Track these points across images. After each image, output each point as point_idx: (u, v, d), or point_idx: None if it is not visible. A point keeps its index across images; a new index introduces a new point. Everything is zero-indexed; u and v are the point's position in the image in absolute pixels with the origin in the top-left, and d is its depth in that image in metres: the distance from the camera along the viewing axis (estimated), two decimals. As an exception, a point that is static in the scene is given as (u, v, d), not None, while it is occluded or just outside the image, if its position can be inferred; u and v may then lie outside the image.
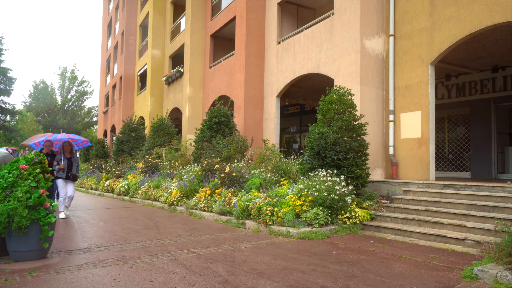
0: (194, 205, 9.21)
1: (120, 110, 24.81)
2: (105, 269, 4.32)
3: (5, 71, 37.03)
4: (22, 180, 4.75)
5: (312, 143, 8.00)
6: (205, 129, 12.06)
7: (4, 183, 4.68)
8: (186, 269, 4.36)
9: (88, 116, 51.84)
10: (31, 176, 4.83)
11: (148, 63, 20.64)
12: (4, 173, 4.79)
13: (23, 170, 4.82)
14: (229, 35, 16.22)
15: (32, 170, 4.87)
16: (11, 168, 4.86)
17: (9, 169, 4.86)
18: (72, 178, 8.55)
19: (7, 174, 4.78)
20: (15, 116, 43.84)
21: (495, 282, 3.86)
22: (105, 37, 33.88)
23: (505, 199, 6.42)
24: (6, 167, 4.92)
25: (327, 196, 6.82)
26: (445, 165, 12.68)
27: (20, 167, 4.84)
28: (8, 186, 4.69)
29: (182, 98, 17.12)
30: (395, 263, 4.73)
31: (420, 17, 9.17)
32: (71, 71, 51.05)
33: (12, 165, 4.89)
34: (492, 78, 11.49)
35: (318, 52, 10.97)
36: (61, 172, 8.36)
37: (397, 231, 6.63)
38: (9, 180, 4.69)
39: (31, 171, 4.86)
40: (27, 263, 4.56)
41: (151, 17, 20.64)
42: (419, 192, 7.79)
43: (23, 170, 4.82)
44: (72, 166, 8.53)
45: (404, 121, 9.42)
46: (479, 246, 5.31)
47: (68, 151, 8.59)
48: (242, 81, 13.36)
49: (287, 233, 6.40)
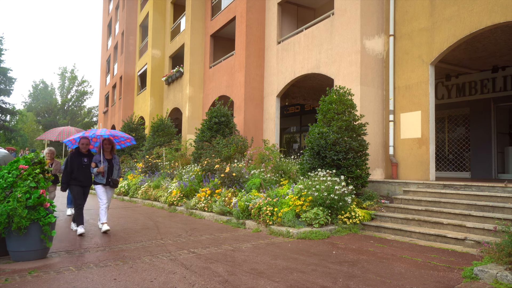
0: (194, 205, 9.21)
1: (120, 110, 24.81)
2: (105, 269, 4.32)
3: (5, 71, 37.04)
4: (21, 180, 4.75)
5: (312, 143, 8.00)
6: (205, 129, 12.06)
7: (3, 183, 4.68)
8: (186, 269, 4.36)
9: (88, 116, 51.85)
10: (30, 176, 4.82)
11: (148, 63, 20.64)
12: (4, 173, 4.79)
13: (23, 170, 4.82)
14: (229, 35, 16.22)
15: (31, 171, 4.87)
16: (10, 168, 4.86)
17: (9, 169, 4.86)
18: (113, 184, 6.90)
19: (7, 174, 4.78)
20: (15, 116, 43.85)
21: (495, 282, 3.86)
22: (105, 37, 33.88)
23: (505, 199, 6.42)
24: (6, 167, 4.92)
25: (327, 196, 6.82)
26: (445, 165, 12.68)
27: (20, 167, 4.84)
28: (8, 186, 4.69)
29: (182, 98, 17.12)
30: (395, 263, 4.73)
31: (420, 17, 9.17)
32: (71, 71, 51.10)
33: (12, 165, 4.90)
34: (492, 78, 11.48)
35: (318, 52, 10.97)
36: (100, 176, 6.75)
37: (397, 231, 6.62)
38: (9, 180, 4.69)
39: (30, 171, 4.86)
40: (27, 263, 4.56)
41: (151, 17, 20.64)
42: (419, 192, 7.79)
43: (22, 170, 4.82)
44: (113, 169, 6.91)
45: (404, 121, 9.42)
46: (479, 246, 5.31)
47: (108, 151, 6.96)
48: (242, 81, 13.36)
49: (287, 233, 6.40)
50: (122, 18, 25.90)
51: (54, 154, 8.31)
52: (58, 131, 8.61)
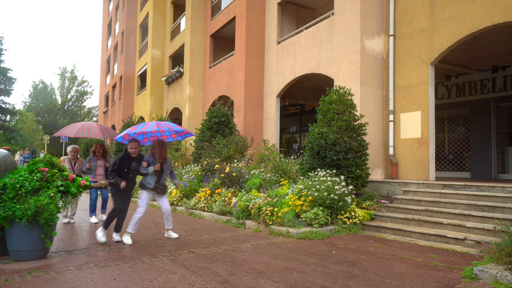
0: (194, 205, 9.21)
1: (120, 110, 24.82)
2: (105, 269, 4.32)
3: (5, 71, 37.05)
4: (46, 182, 4.79)
5: (312, 143, 8.00)
6: (205, 129, 12.07)
7: (28, 186, 4.68)
8: (186, 269, 4.36)
9: (88, 116, 51.85)
10: (54, 177, 4.87)
11: (148, 63, 20.64)
12: (26, 175, 4.79)
13: (45, 173, 4.84)
14: (229, 35, 16.22)
15: (53, 171, 4.92)
16: (30, 171, 4.86)
17: (30, 171, 4.86)
18: (160, 190, 6.06)
19: (30, 176, 4.78)
20: (15, 116, 43.86)
21: (495, 282, 3.86)
22: (105, 37, 33.88)
23: (505, 199, 6.42)
24: (24, 168, 4.92)
25: (327, 196, 6.82)
26: (445, 165, 12.68)
27: (41, 170, 4.85)
28: (33, 190, 4.70)
29: (182, 98, 17.12)
30: (395, 263, 4.73)
31: (420, 17, 9.17)
32: (71, 71, 51.09)
33: (30, 167, 4.90)
34: (492, 78, 11.48)
35: (318, 52, 10.97)
36: (149, 178, 5.95)
37: (397, 231, 6.62)
38: (35, 184, 4.71)
39: (53, 172, 4.90)
40: (27, 263, 4.56)
41: (151, 17, 20.64)
42: (419, 192, 7.79)
43: (45, 173, 4.83)
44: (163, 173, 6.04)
45: (404, 121, 9.42)
46: (479, 246, 5.31)
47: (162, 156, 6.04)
48: (242, 81, 13.36)
49: (287, 233, 6.40)
50: (122, 18, 25.90)
51: (79, 153, 7.85)
52: (78, 126, 8.00)
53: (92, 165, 7.71)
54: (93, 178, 7.65)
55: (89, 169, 7.63)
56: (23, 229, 4.58)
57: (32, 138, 52.89)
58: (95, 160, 7.77)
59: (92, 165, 7.71)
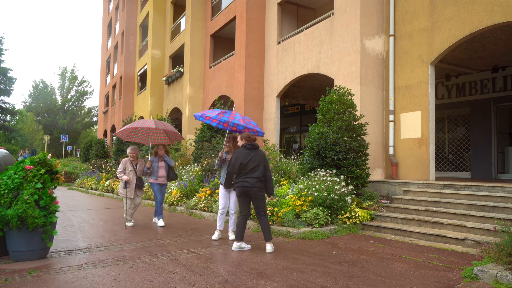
0: (194, 205, 9.21)
1: (120, 110, 24.82)
2: (105, 269, 4.32)
3: (5, 71, 37.07)
4: (27, 182, 4.76)
5: (312, 143, 8.00)
6: (205, 129, 12.07)
7: (11, 184, 4.68)
8: (186, 269, 4.36)
9: (88, 116, 51.83)
10: (36, 178, 4.83)
11: (148, 63, 20.64)
12: (10, 173, 4.79)
13: (29, 171, 4.82)
14: (229, 35, 16.22)
15: (36, 172, 4.87)
16: (17, 169, 4.86)
17: (15, 169, 4.86)
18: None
19: (13, 174, 4.78)
20: (15, 116, 43.89)
21: (495, 282, 3.86)
22: (105, 37, 33.88)
23: (505, 199, 6.42)
24: (12, 167, 4.92)
25: (327, 196, 6.82)
26: (445, 165, 12.68)
27: (26, 168, 4.84)
28: (15, 188, 4.70)
29: (182, 98, 17.12)
30: (395, 263, 4.73)
31: (420, 17, 9.17)
32: (71, 71, 51.03)
33: (17, 166, 4.89)
34: (492, 78, 11.48)
35: (318, 52, 10.97)
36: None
37: (397, 231, 6.62)
38: (16, 181, 4.70)
39: (35, 173, 4.86)
40: (27, 263, 4.56)
41: (151, 17, 20.64)
42: (419, 192, 7.79)
43: (28, 171, 4.82)
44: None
45: (404, 121, 9.42)
46: (479, 246, 5.31)
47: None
48: (242, 81, 13.36)
49: (287, 233, 6.40)
50: (122, 18, 25.91)
51: (138, 153, 7.48)
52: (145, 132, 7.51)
53: (154, 166, 7.43)
54: (155, 180, 7.45)
55: (149, 168, 7.38)
56: (23, 229, 4.58)
57: (32, 138, 52.89)
58: (156, 161, 7.49)
59: (154, 166, 7.43)
